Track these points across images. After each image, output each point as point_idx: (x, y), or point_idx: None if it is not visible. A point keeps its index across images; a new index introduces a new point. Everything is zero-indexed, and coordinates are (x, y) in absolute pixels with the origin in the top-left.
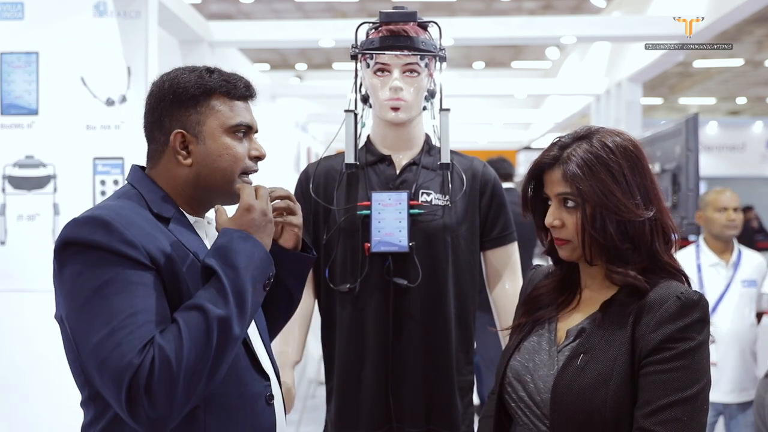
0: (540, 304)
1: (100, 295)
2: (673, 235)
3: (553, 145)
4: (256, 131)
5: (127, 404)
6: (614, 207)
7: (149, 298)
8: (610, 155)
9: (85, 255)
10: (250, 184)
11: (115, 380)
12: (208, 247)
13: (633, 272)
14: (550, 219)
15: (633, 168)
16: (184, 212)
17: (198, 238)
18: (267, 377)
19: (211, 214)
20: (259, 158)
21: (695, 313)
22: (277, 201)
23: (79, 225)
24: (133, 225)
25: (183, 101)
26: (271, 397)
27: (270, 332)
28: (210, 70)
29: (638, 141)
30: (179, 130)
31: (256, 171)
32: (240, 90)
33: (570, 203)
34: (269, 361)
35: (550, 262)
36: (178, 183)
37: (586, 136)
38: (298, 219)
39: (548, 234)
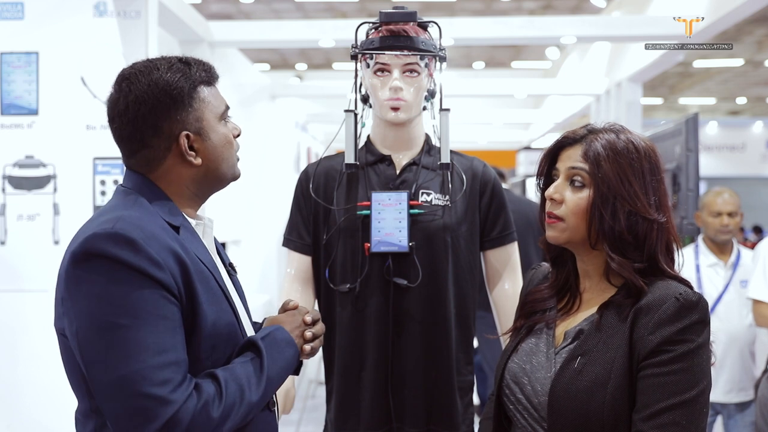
0: (538, 306)
1: (123, 324)
2: (676, 251)
3: (583, 126)
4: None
5: None
6: (629, 197)
7: (174, 334)
8: (633, 153)
9: (111, 272)
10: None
11: (143, 416)
12: (210, 252)
13: (630, 268)
14: (551, 190)
15: (652, 172)
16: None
17: (204, 247)
18: None
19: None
20: (238, 136)
21: (694, 314)
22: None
23: (103, 239)
24: (155, 239)
25: (179, 101)
26: (273, 403)
27: None
28: (185, 62)
29: (658, 150)
30: (186, 132)
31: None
32: (216, 74)
33: (577, 182)
34: None
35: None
36: (183, 183)
37: (613, 130)
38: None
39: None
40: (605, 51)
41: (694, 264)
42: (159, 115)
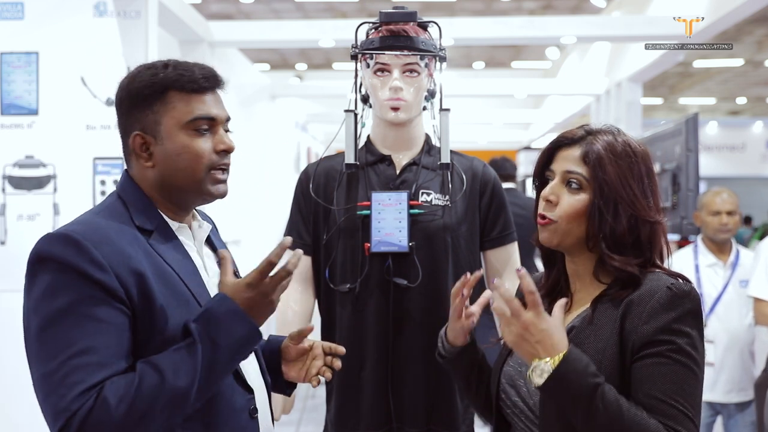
0: None
1: (57, 323)
2: (665, 253)
3: (580, 127)
4: (227, 121)
5: None
6: (629, 199)
7: (104, 335)
8: (632, 156)
9: (54, 273)
10: (287, 250)
11: (52, 417)
12: (196, 254)
13: (632, 262)
14: (547, 191)
15: (648, 175)
16: (168, 219)
17: (181, 252)
18: (250, 390)
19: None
20: (226, 151)
21: (686, 303)
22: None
23: (52, 241)
24: (106, 243)
25: (138, 101)
26: (255, 410)
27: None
28: (166, 65)
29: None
30: (137, 132)
31: (225, 165)
32: (198, 82)
33: (573, 184)
34: (258, 373)
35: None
36: (149, 185)
37: (610, 131)
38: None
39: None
40: (605, 51)
41: (693, 264)
42: (122, 112)
